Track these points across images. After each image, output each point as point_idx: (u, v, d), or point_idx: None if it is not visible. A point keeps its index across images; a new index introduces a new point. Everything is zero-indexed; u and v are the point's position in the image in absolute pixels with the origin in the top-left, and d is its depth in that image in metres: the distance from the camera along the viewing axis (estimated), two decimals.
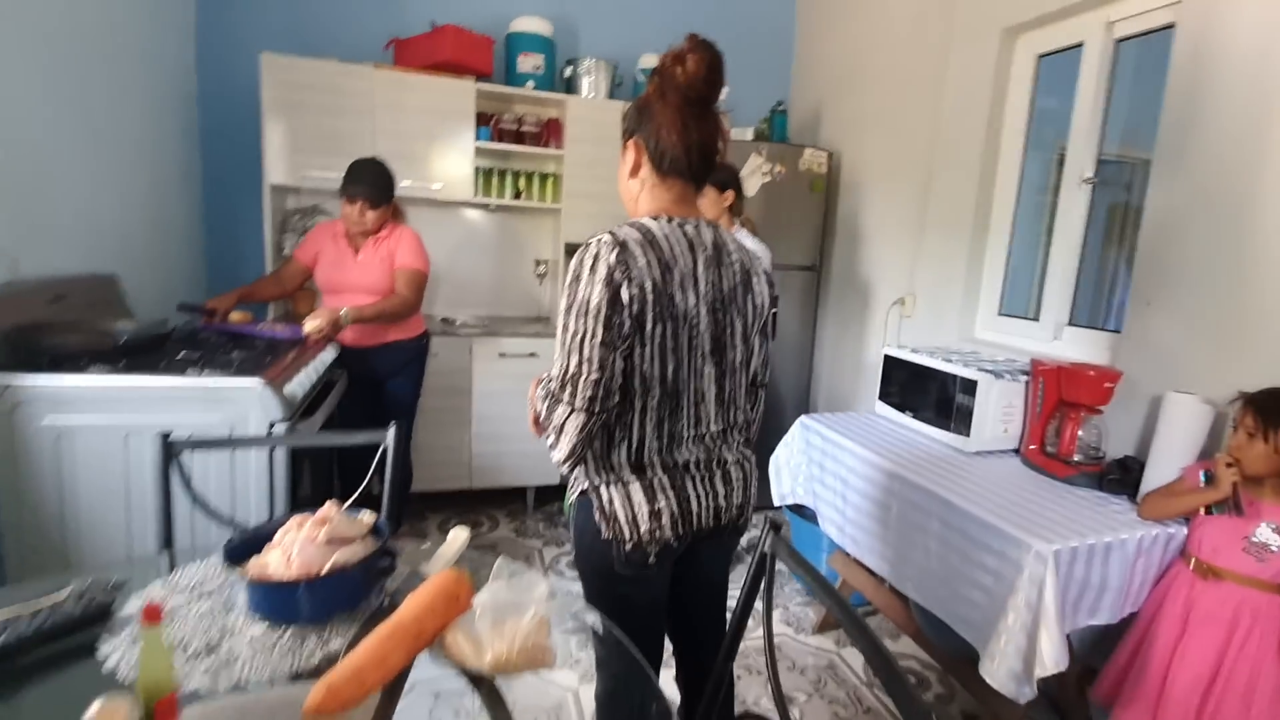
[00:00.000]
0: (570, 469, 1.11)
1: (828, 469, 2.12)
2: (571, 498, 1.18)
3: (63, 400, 1.49)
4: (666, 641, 1.29)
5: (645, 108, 1.11)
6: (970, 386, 1.92)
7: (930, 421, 2.07)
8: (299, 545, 0.92)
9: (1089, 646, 1.75)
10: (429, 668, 0.83)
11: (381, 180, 2.33)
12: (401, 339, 2.48)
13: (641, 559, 1.10)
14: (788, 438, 2.33)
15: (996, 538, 1.48)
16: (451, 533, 1.10)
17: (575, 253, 1.05)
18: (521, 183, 3.19)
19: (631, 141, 1.13)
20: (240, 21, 2.87)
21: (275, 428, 1.64)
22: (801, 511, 2.47)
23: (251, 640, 0.84)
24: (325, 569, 0.90)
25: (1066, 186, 2.17)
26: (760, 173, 3.00)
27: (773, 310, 1.26)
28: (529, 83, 3.05)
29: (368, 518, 1.04)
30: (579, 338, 1.02)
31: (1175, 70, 1.76)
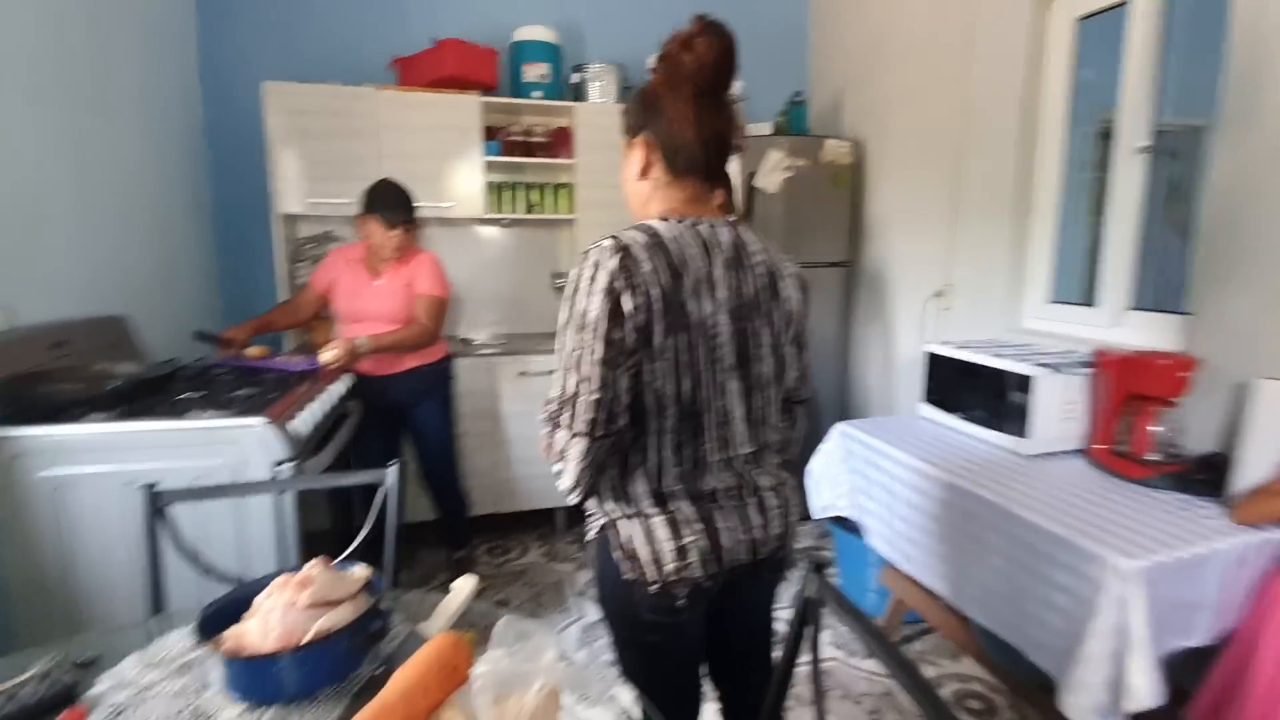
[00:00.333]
0: (580, 499, 0.98)
1: (872, 479, 1.96)
2: (589, 535, 1.06)
3: (59, 450, 1.43)
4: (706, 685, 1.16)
5: (652, 101, 0.99)
6: (1025, 383, 1.75)
7: (981, 422, 1.91)
8: (279, 612, 0.82)
9: (1178, 665, 1.56)
10: None
11: (401, 199, 2.27)
12: (421, 365, 2.40)
13: (669, 603, 0.98)
14: (825, 446, 2.18)
15: (1068, 552, 1.32)
16: (456, 583, 0.99)
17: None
18: (534, 195, 3.10)
19: (639, 139, 1.02)
20: (242, 51, 2.84)
21: (281, 468, 1.56)
22: (844, 522, 2.31)
23: None
24: (307, 637, 0.80)
25: (1119, 157, 1.98)
26: (780, 169, 2.86)
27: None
28: (536, 92, 2.96)
29: (360, 572, 0.93)
30: (577, 355, 0.90)
31: (1239, 21, 1.58)
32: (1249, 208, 1.57)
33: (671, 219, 0.98)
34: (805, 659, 0.88)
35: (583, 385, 0.90)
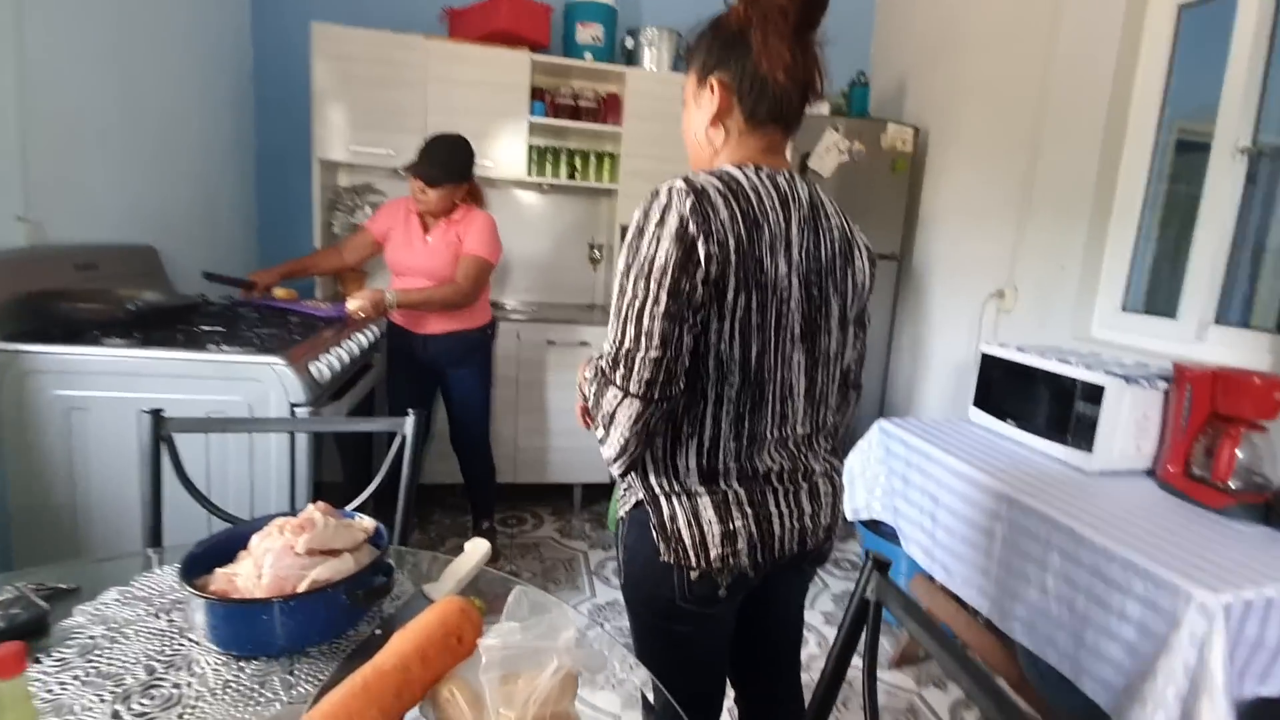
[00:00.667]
0: (622, 470, 0.88)
1: (912, 482, 1.84)
2: (622, 510, 0.96)
3: (74, 371, 1.39)
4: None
5: (736, 36, 0.85)
6: (1095, 393, 1.61)
7: (1040, 433, 1.77)
8: (273, 556, 0.73)
9: (1250, 716, 1.42)
10: None
11: (447, 159, 2.15)
12: (464, 329, 2.31)
13: (709, 591, 0.88)
14: (863, 444, 2.06)
15: (1143, 581, 1.19)
16: (469, 544, 0.90)
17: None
18: (577, 161, 3.00)
19: (714, 79, 0.88)
20: None
21: (298, 410, 1.49)
22: (875, 526, 2.19)
23: (200, 678, 0.66)
24: (302, 586, 0.72)
25: (1216, 159, 1.81)
26: (837, 150, 2.72)
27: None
28: (587, 54, 2.85)
29: (366, 523, 0.85)
30: (637, 306, 0.79)
31: None
32: None
33: (748, 166, 0.86)
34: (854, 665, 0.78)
35: (642, 341, 0.79)
